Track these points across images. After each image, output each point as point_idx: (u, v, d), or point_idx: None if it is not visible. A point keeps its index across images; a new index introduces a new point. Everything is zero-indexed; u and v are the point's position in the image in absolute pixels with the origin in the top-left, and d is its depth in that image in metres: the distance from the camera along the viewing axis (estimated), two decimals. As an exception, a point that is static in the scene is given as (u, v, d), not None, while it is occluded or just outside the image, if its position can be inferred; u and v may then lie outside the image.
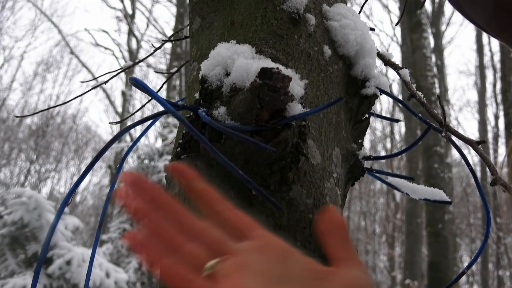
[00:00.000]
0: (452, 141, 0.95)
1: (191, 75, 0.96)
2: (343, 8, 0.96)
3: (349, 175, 0.93)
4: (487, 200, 0.97)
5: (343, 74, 0.94)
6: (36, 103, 22.77)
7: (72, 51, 21.22)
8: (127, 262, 9.35)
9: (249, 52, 0.79)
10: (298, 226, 0.73)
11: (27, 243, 5.64)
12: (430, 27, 14.79)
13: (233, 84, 0.70)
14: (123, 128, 0.79)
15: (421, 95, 0.96)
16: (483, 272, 15.78)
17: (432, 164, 8.26)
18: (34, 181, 20.74)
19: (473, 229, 18.95)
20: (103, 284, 5.63)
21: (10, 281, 5.15)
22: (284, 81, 0.65)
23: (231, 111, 0.69)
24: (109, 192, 0.98)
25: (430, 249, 8.10)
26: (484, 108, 18.04)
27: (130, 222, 9.88)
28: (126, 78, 14.87)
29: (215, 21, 0.97)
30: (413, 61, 9.10)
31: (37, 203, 5.62)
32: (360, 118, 0.96)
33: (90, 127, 28.01)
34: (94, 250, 0.90)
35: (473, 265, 0.97)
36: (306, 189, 0.75)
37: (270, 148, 0.64)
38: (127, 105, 18.57)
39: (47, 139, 21.06)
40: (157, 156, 10.44)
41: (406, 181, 1.02)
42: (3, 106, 20.13)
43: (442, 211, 7.87)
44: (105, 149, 0.74)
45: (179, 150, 0.75)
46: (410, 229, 11.14)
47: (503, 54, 9.13)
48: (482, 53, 18.19)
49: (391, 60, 1.06)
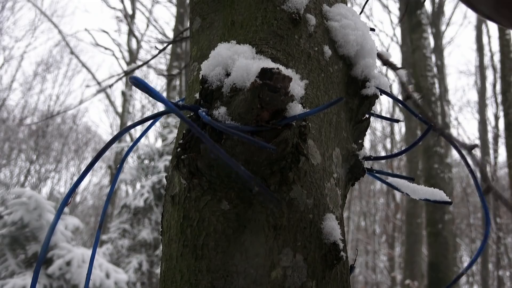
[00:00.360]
0: (451, 141, 0.95)
1: (191, 75, 0.96)
2: (343, 8, 0.96)
3: (349, 175, 0.93)
4: (486, 200, 0.97)
5: (343, 74, 0.94)
6: (36, 103, 22.79)
7: (72, 51, 21.21)
8: (127, 262, 9.35)
9: (250, 52, 0.79)
10: (299, 226, 0.73)
11: (27, 243, 5.64)
12: (430, 27, 14.79)
13: (233, 84, 0.71)
14: (123, 128, 0.79)
15: (416, 97, 0.96)
16: (483, 272, 15.78)
17: (432, 164, 8.26)
18: (34, 181, 20.74)
19: (473, 229, 18.96)
20: (103, 285, 5.63)
21: (10, 281, 5.16)
22: (284, 81, 0.65)
23: (231, 111, 0.69)
24: (109, 192, 0.98)
25: (430, 249, 8.10)
26: (484, 108, 18.04)
27: (130, 222, 9.88)
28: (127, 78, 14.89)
29: (215, 21, 0.97)
30: (413, 61, 9.10)
31: (37, 203, 5.62)
32: (360, 118, 0.96)
33: (90, 127, 28.02)
34: (94, 251, 0.90)
35: (473, 265, 0.97)
36: (306, 189, 0.75)
37: (270, 147, 0.65)
38: (127, 105, 18.57)
39: (47, 139, 21.06)
40: (157, 156, 10.44)
41: (406, 181, 1.02)
42: (3, 106, 20.13)
43: (442, 211, 7.87)
44: (105, 149, 0.74)
45: (179, 150, 0.75)
46: (410, 229, 11.14)
47: (503, 54, 9.13)
48: (482, 53, 18.19)
49: (389, 60, 1.06)
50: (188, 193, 0.75)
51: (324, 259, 0.74)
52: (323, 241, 0.75)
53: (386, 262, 20.48)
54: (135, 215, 9.83)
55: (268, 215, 0.71)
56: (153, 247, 9.61)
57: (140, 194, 9.75)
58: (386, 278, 20.11)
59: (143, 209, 9.70)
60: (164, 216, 0.83)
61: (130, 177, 10.42)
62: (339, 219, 0.80)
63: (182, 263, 0.73)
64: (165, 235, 0.81)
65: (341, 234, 0.77)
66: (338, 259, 0.74)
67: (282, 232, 0.71)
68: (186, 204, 0.75)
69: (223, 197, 0.72)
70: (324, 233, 0.75)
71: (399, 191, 1.01)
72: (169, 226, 0.79)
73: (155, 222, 9.71)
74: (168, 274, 0.76)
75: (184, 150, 0.75)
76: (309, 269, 0.72)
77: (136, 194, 9.90)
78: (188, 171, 0.73)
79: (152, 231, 9.61)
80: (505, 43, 9.05)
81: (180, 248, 0.74)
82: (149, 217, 9.77)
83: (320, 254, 0.74)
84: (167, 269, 0.77)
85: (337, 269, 0.77)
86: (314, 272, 0.72)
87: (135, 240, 9.60)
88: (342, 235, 0.78)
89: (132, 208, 9.71)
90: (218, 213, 0.72)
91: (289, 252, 0.71)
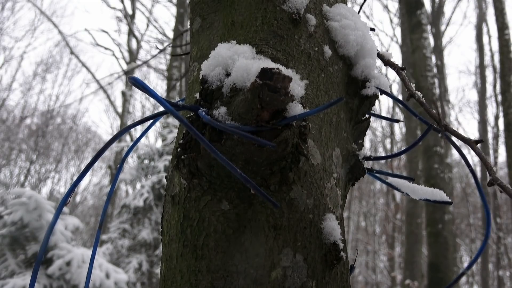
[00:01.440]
0: (451, 141, 0.95)
1: (191, 75, 0.96)
2: (343, 9, 0.96)
3: (349, 176, 0.93)
4: (487, 200, 0.97)
5: (343, 75, 0.94)
6: (35, 103, 22.78)
7: (72, 51, 21.20)
8: (127, 262, 9.35)
9: (250, 52, 0.79)
10: (299, 226, 0.73)
11: (27, 243, 5.63)
12: (430, 27, 14.80)
13: (233, 84, 0.71)
14: (123, 128, 0.79)
15: (420, 96, 0.96)
16: (483, 272, 15.78)
17: (432, 165, 8.26)
18: (34, 181, 20.74)
19: (473, 229, 18.95)
20: (103, 285, 5.63)
21: (10, 281, 5.15)
22: (284, 82, 0.65)
23: (231, 112, 0.69)
24: (109, 192, 0.98)
25: (430, 249, 8.10)
26: (484, 108, 18.04)
27: (130, 222, 9.88)
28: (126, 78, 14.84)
29: (215, 22, 0.97)
30: (413, 61, 9.10)
31: (37, 204, 5.62)
32: (361, 118, 0.97)
33: (90, 127, 28.02)
34: (94, 251, 0.90)
35: (473, 265, 0.97)
36: (306, 190, 0.75)
37: (270, 144, 0.65)
38: (127, 105, 18.57)
39: (47, 139, 21.06)
40: (157, 156, 10.44)
41: (406, 182, 1.02)
42: (3, 106, 20.13)
43: (442, 211, 7.87)
44: (105, 148, 0.74)
45: (179, 151, 0.75)
46: (410, 230, 11.14)
47: (503, 54, 9.12)
48: (483, 53, 18.19)
49: (390, 60, 1.06)
50: (188, 193, 0.75)
51: (324, 259, 0.74)
52: (323, 241, 0.75)
53: (386, 262, 20.48)
54: (135, 215, 9.83)
55: (268, 215, 0.71)
56: (153, 247, 9.61)
57: (140, 194, 9.75)
58: (386, 278, 20.12)
59: (143, 209, 9.70)
60: (164, 216, 0.83)
61: (130, 177, 10.41)
62: (339, 219, 0.80)
63: (182, 263, 0.73)
64: (165, 235, 0.81)
65: (341, 234, 0.77)
66: (338, 259, 0.74)
67: (282, 232, 0.71)
68: (186, 204, 0.75)
69: (223, 197, 0.72)
70: (324, 233, 0.75)
71: (399, 191, 1.01)
72: (169, 226, 0.79)
73: (155, 222, 9.71)
74: (168, 274, 0.76)
75: (184, 150, 0.75)
76: (309, 269, 0.72)
77: (136, 194, 9.90)
78: (188, 171, 0.73)
79: (152, 231, 9.60)
80: (505, 43, 9.05)
81: (180, 248, 0.74)
82: (149, 217, 9.77)
83: (320, 254, 0.74)
84: (167, 269, 0.77)
85: (337, 269, 0.77)
86: (314, 272, 0.72)
87: (135, 240, 9.60)
88: (342, 235, 0.78)
89: (132, 208, 9.71)
90: (218, 213, 0.72)
91: (289, 252, 0.71)
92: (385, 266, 20.74)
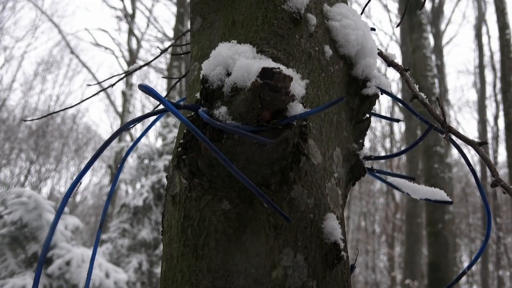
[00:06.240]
0: (453, 142, 0.95)
1: (192, 75, 0.96)
2: (344, 8, 0.96)
3: (350, 175, 0.93)
4: (487, 200, 0.97)
5: (344, 74, 0.94)
6: (36, 103, 22.79)
7: (73, 51, 21.21)
8: (127, 262, 9.35)
9: (250, 52, 0.79)
10: (299, 226, 0.73)
11: (27, 243, 5.63)
12: (430, 27, 14.80)
13: (234, 84, 0.70)
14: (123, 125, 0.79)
15: (424, 97, 0.96)
16: (483, 272, 15.77)
17: (432, 164, 8.26)
18: (34, 181, 20.73)
19: (473, 229, 18.95)
20: (102, 285, 5.63)
21: (10, 281, 5.15)
22: (285, 81, 0.65)
23: (232, 111, 0.69)
24: (109, 191, 0.98)
25: (430, 249, 8.10)
26: (484, 108, 18.04)
27: (129, 222, 9.88)
28: (127, 78, 14.86)
29: (216, 21, 0.97)
30: (413, 61, 9.10)
31: (37, 203, 5.61)
32: (361, 118, 0.97)
33: (90, 127, 28.01)
34: (94, 251, 0.90)
35: (474, 265, 0.97)
36: (307, 189, 0.75)
37: (270, 141, 0.64)
38: (127, 105, 18.57)
39: (47, 139, 21.05)
40: (157, 156, 10.44)
41: (406, 181, 1.02)
42: (3, 106, 20.13)
43: (442, 211, 7.87)
44: (107, 143, 0.74)
45: (180, 150, 0.75)
46: (410, 229, 11.13)
47: (503, 54, 9.13)
48: (482, 53, 18.18)
49: (394, 61, 1.06)
50: (189, 192, 0.75)
51: (324, 258, 0.74)
52: (324, 241, 0.75)
53: (386, 262, 20.48)
54: (135, 214, 9.82)
55: (269, 215, 0.71)
56: (153, 247, 9.61)
57: (139, 194, 9.74)
58: (386, 278, 20.12)
59: (143, 208, 9.69)
60: (165, 216, 0.83)
61: (130, 177, 10.41)
62: (340, 219, 0.80)
63: (183, 263, 0.73)
64: (165, 235, 0.81)
65: (342, 233, 0.77)
66: (339, 258, 0.74)
67: (282, 231, 0.71)
68: (186, 203, 0.75)
69: (224, 197, 0.72)
70: (325, 232, 0.75)
71: (400, 191, 1.01)
72: (170, 226, 0.79)
73: (155, 222, 9.71)
74: (169, 273, 0.76)
75: (184, 150, 0.75)
76: (310, 269, 0.72)
77: (135, 194, 9.89)
78: (189, 170, 0.73)
79: (152, 231, 9.60)
80: (505, 43, 9.05)
81: (180, 248, 0.74)
82: (149, 217, 9.76)
83: (321, 254, 0.74)
84: (168, 268, 0.76)
85: (337, 268, 0.77)
86: (314, 271, 0.72)
87: (135, 239, 9.59)
88: (343, 234, 0.78)
89: (131, 208, 9.71)
90: (219, 213, 0.72)
91: (289, 251, 0.71)
92: (385, 266, 20.74)
